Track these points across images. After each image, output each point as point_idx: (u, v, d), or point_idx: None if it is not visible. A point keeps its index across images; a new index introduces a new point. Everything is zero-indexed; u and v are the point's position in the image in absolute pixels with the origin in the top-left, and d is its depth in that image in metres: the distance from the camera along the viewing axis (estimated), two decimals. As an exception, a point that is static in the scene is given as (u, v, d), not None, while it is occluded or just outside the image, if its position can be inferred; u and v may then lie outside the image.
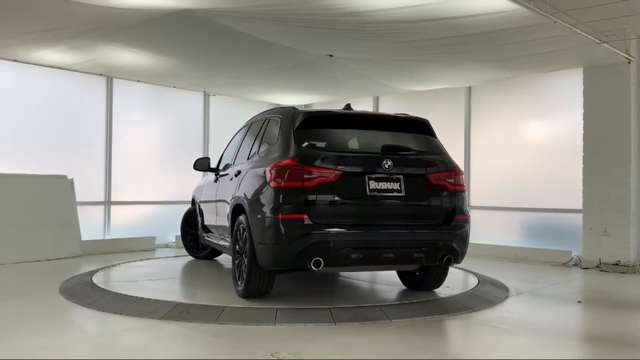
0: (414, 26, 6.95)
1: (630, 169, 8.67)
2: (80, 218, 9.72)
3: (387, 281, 6.97)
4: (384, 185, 5.59)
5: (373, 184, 5.55)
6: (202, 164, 7.97)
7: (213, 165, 7.95)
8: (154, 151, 11.39)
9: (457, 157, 10.72)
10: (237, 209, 6.18)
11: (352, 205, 5.55)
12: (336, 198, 5.45)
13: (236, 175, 6.50)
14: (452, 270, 8.26)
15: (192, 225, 9.07)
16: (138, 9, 6.73)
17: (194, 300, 5.90)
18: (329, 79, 10.42)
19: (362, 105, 12.00)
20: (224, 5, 6.54)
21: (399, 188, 5.63)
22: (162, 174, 11.39)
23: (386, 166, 5.56)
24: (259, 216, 5.54)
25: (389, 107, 12.05)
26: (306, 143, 5.65)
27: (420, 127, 6.25)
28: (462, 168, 10.49)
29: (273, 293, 6.20)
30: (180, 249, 10.63)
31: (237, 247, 6.07)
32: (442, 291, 6.40)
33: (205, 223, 8.20)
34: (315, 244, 5.29)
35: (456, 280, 7.51)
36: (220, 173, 7.50)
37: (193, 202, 9.12)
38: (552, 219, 9.76)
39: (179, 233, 11.00)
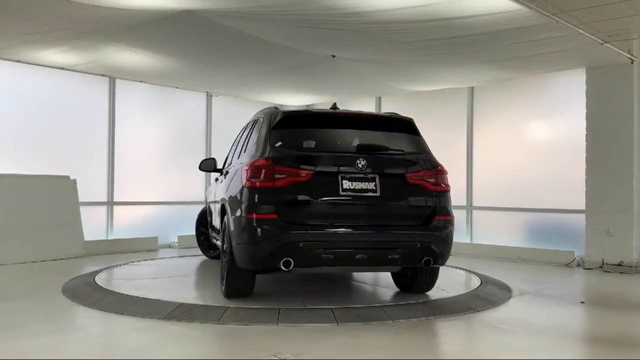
0: (417, 26, 6.95)
1: (634, 169, 8.65)
2: (83, 218, 9.73)
3: (390, 283, 6.95)
4: (358, 185, 5.51)
5: (346, 184, 5.49)
6: (207, 165, 8.00)
7: (219, 166, 8.00)
8: (157, 151, 11.40)
9: (459, 157, 10.80)
10: (223, 209, 6.23)
11: (324, 205, 5.51)
12: (308, 198, 5.44)
13: (226, 176, 6.58)
14: (454, 271, 8.28)
15: (205, 225, 9.12)
16: (140, 10, 6.74)
17: (197, 301, 5.91)
18: (332, 79, 10.42)
19: (364, 105, 12.02)
20: (226, 5, 6.55)
21: (374, 188, 5.55)
22: (165, 174, 11.40)
23: (359, 165, 5.50)
24: (234, 216, 5.60)
25: (391, 108, 12.02)
26: (280, 143, 5.64)
27: (404, 126, 6.12)
28: (464, 168, 10.65)
29: (276, 293, 6.21)
30: (183, 249, 10.66)
31: (224, 246, 6.10)
32: (436, 294, 6.29)
33: (212, 223, 8.26)
34: (285, 244, 5.28)
35: (459, 281, 7.51)
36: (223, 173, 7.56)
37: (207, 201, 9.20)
38: (555, 220, 9.74)
39: (181, 233, 11.07)
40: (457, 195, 10.73)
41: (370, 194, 5.54)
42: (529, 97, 10.13)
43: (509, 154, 10.29)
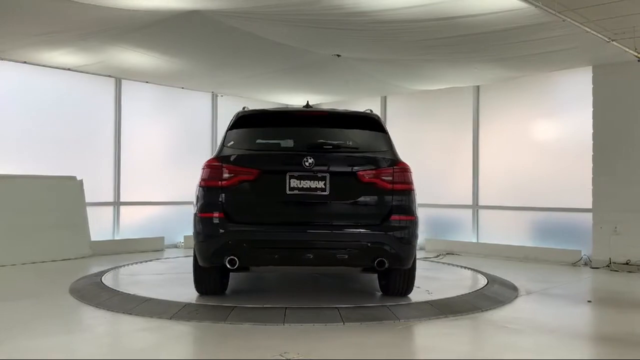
0: (422, 25, 6.94)
1: (641, 168, 8.62)
2: (90, 219, 9.76)
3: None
4: (306, 184, 5.46)
5: (294, 183, 5.46)
6: None
7: None
8: (163, 152, 11.42)
9: (465, 156, 10.78)
10: None
11: (270, 204, 5.52)
12: (254, 197, 5.50)
13: None
14: (460, 270, 8.26)
15: None
16: (145, 11, 6.75)
17: (203, 300, 5.91)
18: (337, 79, 10.42)
19: (370, 105, 11.98)
20: (232, 5, 6.55)
21: (323, 187, 5.47)
22: (171, 174, 11.42)
23: (307, 164, 5.44)
24: (193, 214, 5.72)
25: (396, 107, 12.05)
26: (232, 142, 5.74)
27: (368, 124, 6.00)
28: (471, 167, 10.62)
29: (281, 292, 6.21)
30: (189, 249, 10.65)
31: None
32: (425, 296, 6.10)
33: None
34: (229, 242, 5.37)
35: (465, 280, 7.50)
36: None
37: None
38: (562, 219, 9.71)
39: (187, 233, 11.04)
40: (463, 195, 10.81)
41: (319, 192, 5.47)
42: (535, 96, 10.09)
43: (515, 152, 10.26)
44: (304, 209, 5.55)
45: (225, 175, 5.49)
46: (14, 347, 4.33)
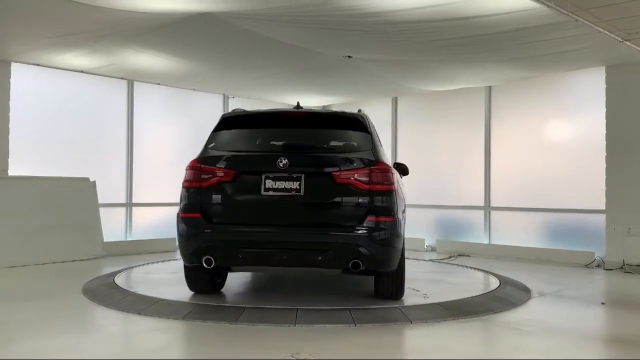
0: (434, 26, 6.92)
1: (655, 169, 8.53)
2: (103, 220, 9.82)
3: (408, 284, 6.92)
4: (281, 185, 5.46)
5: (269, 183, 5.47)
6: None
7: None
8: (174, 153, 11.45)
9: (477, 157, 10.73)
10: None
11: (246, 205, 5.57)
12: (231, 197, 5.56)
13: None
14: (472, 272, 8.22)
15: None
16: (157, 13, 6.80)
17: (214, 301, 5.93)
18: (348, 80, 10.42)
19: (380, 106, 12.00)
20: (242, 7, 6.58)
21: (298, 187, 5.44)
22: (182, 175, 11.44)
23: (281, 165, 5.43)
24: (176, 214, 5.83)
25: (407, 108, 12.02)
26: (213, 144, 5.87)
27: (350, 124, 5.94)
28: (482, 168, 10.56)
29: (292, 293, 6.21)
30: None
31: None
32: (421, 300, 6.00)
33: None
34: (206, 242, 5.46)
35: (477, 282, 7.46)
36: None
37: None
38: (575, 220, 9.63)
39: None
40: (474, 196, 10.76)
41: (294, 193, 5.45)
42: (548, 96, 10.03)
43: (527, 153, 10.20)
44: (278, 209, 5.54)
45: (204, 176, 5.62)
46: (24, 347, 4.37)
